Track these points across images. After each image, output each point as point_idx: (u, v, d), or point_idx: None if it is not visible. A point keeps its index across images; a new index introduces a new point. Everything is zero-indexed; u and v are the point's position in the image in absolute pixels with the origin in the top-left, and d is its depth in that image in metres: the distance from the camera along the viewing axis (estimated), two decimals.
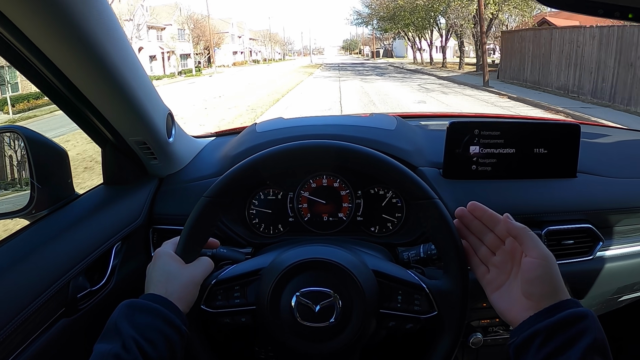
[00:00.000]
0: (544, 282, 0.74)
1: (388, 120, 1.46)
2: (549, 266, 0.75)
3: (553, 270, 0.75)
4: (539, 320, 0.70)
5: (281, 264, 0.86)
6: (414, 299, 0.87)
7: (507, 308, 0.78)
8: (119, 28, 0.93)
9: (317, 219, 1.28)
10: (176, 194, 1.29)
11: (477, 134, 1.21)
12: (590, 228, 1.23)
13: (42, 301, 0.89)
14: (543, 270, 0.75)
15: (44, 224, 1.05)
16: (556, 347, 0.67)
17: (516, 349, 0.71)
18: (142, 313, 0.74)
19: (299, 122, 1.51)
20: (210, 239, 0.93)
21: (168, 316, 0.75)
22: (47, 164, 1.10)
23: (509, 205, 1.21)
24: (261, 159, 0.88)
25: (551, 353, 0.67)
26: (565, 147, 1.25)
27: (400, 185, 0.87)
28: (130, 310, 0.74)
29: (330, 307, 0.83)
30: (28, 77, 0.93)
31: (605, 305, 1.45)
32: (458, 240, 0.83)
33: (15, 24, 0.77)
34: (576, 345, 0.66)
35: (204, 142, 1.53)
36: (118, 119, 1.09)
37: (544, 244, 1.16)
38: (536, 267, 0.75)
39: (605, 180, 1.31)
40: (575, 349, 0.65)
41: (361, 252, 0.97)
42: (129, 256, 1.18)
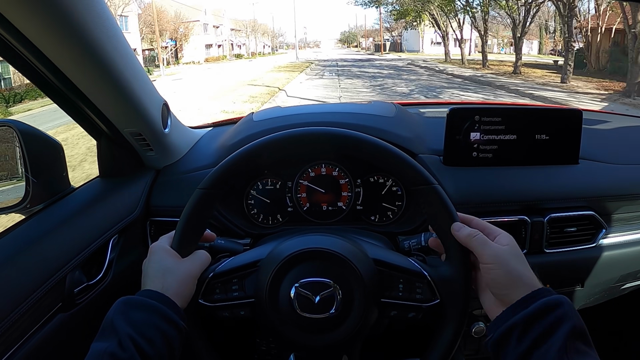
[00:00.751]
0: (503, 281, 0.75)
1: (387, 108, 1.44)
2: (503, 264, 0.75)
3: (510, 266, 0.75)
4: (515, 313, 0.70)
5: (279, 255, 0.85)
6: (416, 287, 0.85)
7: (489, 308, 0.79)
8: (111, 17, 0.91)
9: (316, 209, 1.27)
10: (173, 186, 1.27)
11: (478, 120, 1.20)
12: (592, 215, 1.22)
13: (38, 296, 0.89)
14: (497, 271, 0.75)
15: (39, 218, 1.04)
16: (536, 336, 0.66)
17: (494, 345, 0.71)
18: (138, 310, 0.73)
19: (297, 110, 1.50)
20: (206, 232, 0.91)
21: (165, 312, 0.73)
22: (42, 157, 1.08)
23: (510, 193, 1.20)
24: (255, 148, 0.86)
25: (532, 343, 0.66)
26: (567, 133, 1.24)
27: (399, 171, 0.85)
28: (126, 307, 0.73)
29: (330, 298, 0.81)
30: (20, 70, 0.92)
31: (608, 293, 1.44)
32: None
33: (5, 15, 0.75)
34: (556, 333, 0.65)
35: (201, 133, 1.52)
36: (112, 110, 1.07)
37: (546, 231, 1.17)
38: (488, 271, 0.76)
39: (608, 166, 1.30)
40: (556, 336, 0.65)
41: (361, 241, 0.95)
42: (127, 249, 1.17)
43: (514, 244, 0.78)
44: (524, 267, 0.75)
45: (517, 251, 0.77)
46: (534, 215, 1.19)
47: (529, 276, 0.74)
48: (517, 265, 0.75)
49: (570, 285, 1.32)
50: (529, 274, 0.75)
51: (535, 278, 0.74)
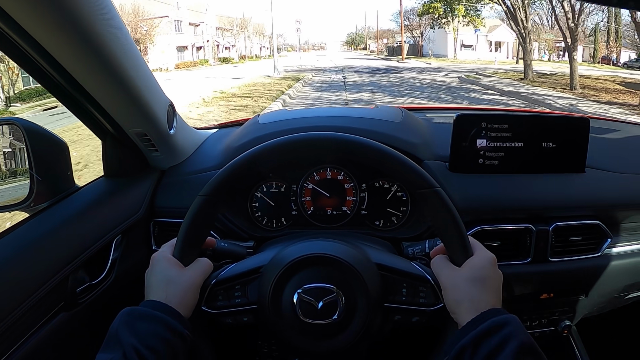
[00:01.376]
0: (451, 304, 0.78)
1: (394, 113, 1.43)
2: (451, 288, 0.79)
3: (459, 289, 0.78)
4: (463, 335, 0.71)
5: (282, 261, 0.85)
6: (419, 291, 0.85)
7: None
8: (118, 17, 0.91)
9: (320, 212, 1.26)
10: (178, 187, 1.27)
11: (485, 127, 1.19)
12: (598, 224, 1.21)
13: (41, 294, 0.89)
14: (447, 294, 0.79)
15: (43, 217, 1.04)
16: (485, 355, 0.67)
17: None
18: (142, 320, 0.73)
19: (303, 113, 1.50)
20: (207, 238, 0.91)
21: (169, 322, 0.74)
22: (47, 156, 1.09)
23: (516, 200, 1.20)
24: (257, 153, 0.86)
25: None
26: (574, 141, 1.23)
27: (401, 175, 0.85)
28: (130, 318, 0.73)
29: (333, 304, 0.81)
30: (26, 69, 0.92)
31: (612, 302, 1.44)
32: (462, 229, 0.81)
33: (12, 16, 0.75)
34: (504, 351, 0.67)
35: (206, 134, 1.51)
36: (118, 110, 1.07)
37: (551, 240, 1.16)
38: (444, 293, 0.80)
39: (615, 175, 1.29)
40: (504, 354, 0.66)
41: (364, 246, 0.95)
42: (130, 249, 1.17)
43: (479, 266, 0.79)
44: (481, 289, 0.77)
45: (477, 274, 0.78)
46: (539, 224, 1.18)
47: (481, 299, 0.75)
48: (469, 289, 0.77)
49: (574, 294, 1.31)
50: (484, 296, 0.76)
51: (492, 300, 0.76)
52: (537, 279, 1.22)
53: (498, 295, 0.78)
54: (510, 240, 1.20)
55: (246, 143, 1.27)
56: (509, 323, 0.70)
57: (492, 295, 0.76)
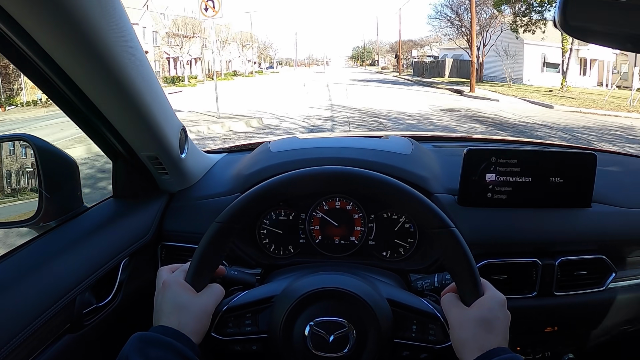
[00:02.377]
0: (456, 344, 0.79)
1: (403, 144, 1.44)
2: (457, 328, 0.79)
3: (464, 329, 0.78)
4: None
5: (295, 292, 0.85)
6: (429, 328, 0.85)
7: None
8: (135, 40, 0.91)
9: (328, 242, 1.26)
10: (186, 211, 1.27)
11: (494, 162, 1.20)
12: (602, 259, 1.22)
13: (47, 317, 0.88)
14: (453, 333, 0.80)
15: (51, 237, 1.04)
16: None
17: None
18: (154, 347, 0.72)
19: (314, 143, 1.50)
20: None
21: (181, 350, 0.73)
22: (57, 174, 1.09)
23: (523, 234, 1.20)
24: (275, 185, 0.86)
25: None
26: (581, 176, 1.24)
27: (416, 214, 0.85)
28: (142, 344, 0.72)
29: (344, 338, 0.82)
30: (42, 89, 0.92)
31: (616, 335, 1.43)
32: (475, 269, 0.81)
33: (31, 34, 0.76)
34: None
35: (215, 158, 1.52)
36: (131, 133, 1.08)
37: (557, 274, 1.16)
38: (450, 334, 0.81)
39: (620, 210, 1.29)
40: None
41: (375, 280, 0.95)
42: (137, 272, 1.16)
43: (488, 307, 0.79)
44: (487, 331, 0.76)
45: (486, 315, 0.78)
46: (545, 258, 1.18)
47: (487, 340, 0.75)
48: (475, 329, 0.77)
49: (579, 328, 1.31)
50: (490, 337, 0.76)
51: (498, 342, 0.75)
52: (542, 313, 1.22)
53: (505, 337, 0.78)
54: (517, 274, 1.20)
55: (258, 171, 1.28)
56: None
57: (498, 337, 0.76)
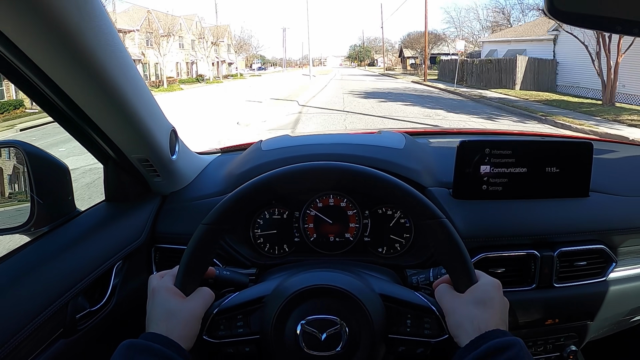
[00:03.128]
0: (452, 327, 0.79)
1: (397, 139, 1.43)
2: (452, 311, 0.79)
3: (460, 311, 0.78)
4: (464, 355, 0.71)
5: (285, 291, 0.84)
6: (424, 322, 0.84)
7: None
8: (120, 43, 0.91)
9: (323, 239, 1.25)
10: (179, 213, 1.26)
11: (488, 153, 1.19)
12: (602, 249, 1.21)
13: (40, 321, 0.87)
14: (449, 319, 0.80)
15: (44, 242, 1.04)
16: None
17: None
18: (142, 354, 0.71)
19: (306, 140, 1.49)
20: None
21: (171, 357, 0.72)
22: (48, 179, 1.08)
23: (520, 226, 1.19)
24: (262, 182, 0.85)
25: None
26: (577, 166, 1.22)
27: (406, 206, 0.84)
28: (130, 351, 0.72)
29: (336, 335, 0.80)
30: (27, 94, 0.92)
31: (617, 326, 1.42)
32: (467, 259, 0.81)
33: (12, 40, 0.75)
34: None
35: (208, 159, 1.51)
36: (120, 136, 1.07)
37: (556, 265, 1.15)
38: (447, 322, 0.81)
39: (619, 199, 1.28)
40: None
41: (367, 276, 0.94)
42: (130, 275, 1.16)
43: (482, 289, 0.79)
44: (483, 310, 0.76)
45: (480, 296, 0.78)
46: (543, 249, 1.17)
47: (483, 319, 0.75)
48: (470, 310, 0.76)
49: (580, 319, 1.30)
50: (486, 317, 0.75)
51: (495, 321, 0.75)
52: (542, 305, 1.21)
53: (502, 318, 0.77)
54: (515, 266, 1.19)
55: (249, 170, 1.27)
56: (513, 345, 0.68)
57: (495, 317, 0.76)
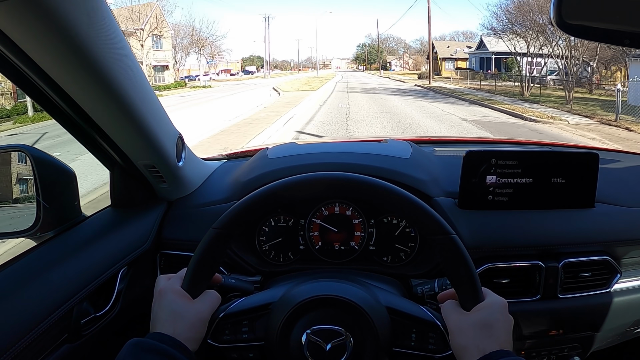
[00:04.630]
0: (456, 349, 0.78)
1: (403, 148, 1.43)
2: (457, 333, 0.78)
3: (464, 334, 0.77)
4: None
5: (292, 300, 0.84)
6: (429, 337, 0.84)
7: None
8: (128, 49, 0.91)
9: (328, 248, 1.25)
10: (185, 219, 1.27)
11: (494, 164, 1.18)
12: (607, 260, 1.20)
13: (45, 327, 0.87)
14: (453, 339, 0.79)
15: (49, 247, 1.04)
16: None
17: None
18: (149, 353, 0.72)
19: (312, 148, 1.49)
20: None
21: (177, 357, 0.73)
22: (55, 184, 1.09)
23: (525, 237, 1.19)
24: (272, 191, 0.85)
25: None
26: (583, 176, 1.22)
27: (415, 219, 0.84)
28: (137, 349, 0.72)
29: (341, 346, 0.81)
30: (36, 100, 0.93)
31: (621, 337, 1.42)
32: (475, 276, 0.80)
33: (21, 47, 0.76)
34: None
35: (214, 165, 1.51)
36: (127, 142, 1.08)
37: (561, 277, 1.15)
38: (450, 340, 0.80)
39: (624, 210, 1.28)
40: None
41: (374, 287, 0.94)
42: (135, 281, 1.16)
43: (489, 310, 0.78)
44: (488, 335, 0.75)
45: (486, 318, 0.77)
46: (548, 260, 1.17)
47: (489, 345, 0.74)
48: (476, 334, 0.76)
49: (584, 330, 1.29)
50: (491, 342, 0.74)
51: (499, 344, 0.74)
52: (547, 316, 1.21)
53: (507, 340, 0.77)
54: (519, 277, 1.18)
55: (255, 178, 1.28)
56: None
57: (500, 340, 0.75)
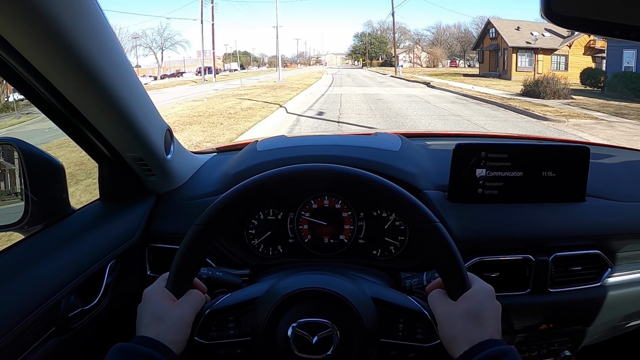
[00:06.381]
0: (445, 338, 0.78)
1: (392, 140, 1.43)
2: (445, 323, 0.78)
3: (453, 324, 0.77)
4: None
5: (277, 294, 0.84)
6: (416, 327, 0.84)
7: None
8: (115, 42, 0.91)
9: (317, 241, 1.25)
10: (174, 212, 1.26)
11: (484, 157, 1.18)
12: (598, 254, 1.20)
13: (32, 319, 0.87)
14: (442, 329, 0.78)
15: (37, 239, 1.04)
16: None
17: None
18: (134, 358, 0.72)
19: (301, 141, 1.49)
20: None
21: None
22: (43, 177, 1.09)
23: (515, 231, 1.19)
24: (255, 183, 0.85)
25: None
26: (574, 170, 1.22)
27: (400, 209, 0.84)
28: (121, 355, 0.72)
29: (328, 339, 0.80)
30: (22, 92, 0.92)
31: (612, 331, 1.42)
32: (460, 263, 0.80)
33: (6, 38, 0.75)
34: None
35: (204, 158, 1.51)
36: (114, 135, 1.07)
37: (551, 270, 1.15)
38: (439, 331, 0.80)
39: (614, 204, 1.28)
40: None
41: (360, 279, 0.94)
42: (124, 274, 1.15)
43: (476, 299, 0.78)
44: (477, 324, 0.75)
45: (474, 307, 0.77)
46: (538, 254, 1.17)
47: (477, 334, 0.74)
48: (464, 324, 0.75)
49: (574, 324, 1.29)
50: (480, 331, 0.74)
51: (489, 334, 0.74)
52: (537, 310, 1.21)
53: (496, 327, 0.76)
54: (509, 271, 1.18)
55: (244, 170, 1.27)
56: (506, 354, 0.68)
57: (489, 329, 0.75)
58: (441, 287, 0.83)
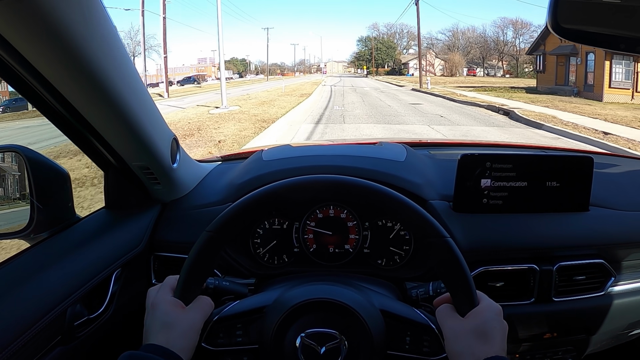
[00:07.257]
0: (451, 355, 0.78)
1: (398, 151, 1.43)
2: (452, 340, 0.78)
3: (459, 341, 0.77)
4: None
5: (286, 303, 0.84)
6: (423, 340, 0.84)
7: None
8: (124, 51, 0.91)
9: (322, 250, 1.25)
10: (179, 221, 1.26)
11: (489, 167, 1.19)
12: (602, 263, 1.20)
13: (38, 329, 0.87)
14: (448, 345, 0.79)
15: (43, 248, 1.04)
16: None
17: None
18: None
19: (307, 151, 1.49)
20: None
21: None
22: (49, 185, 1.09)
23: (520, 240, 1.19)
24: (266, 194, 0.85)
25: None
26: (577, 180, 1.23)
27: (410, 223, 0.84)
28: None
29: (336, 350, 0.81)
30: (30, 100, 0.92)
31: (615, 340, 1.42)
32: (470, 279, 0.80)
33: (16, 47, 0.75)
34: None
35: (209, 167, 1.51)
36: (121, 144, 1.07)
37: (555, 280, 1.15)
38: (446, 346, 0.80)
39: (618, 213, 1.28)
40: None
41: (368, 290, 0.94)
42: (129, 283, 1.15)
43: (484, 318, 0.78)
44: (484, 342, 0.76)
45: (481, 326, 0.77)
46: (543, 264, 1.17)
47: (484, 353, 0.74)
48: (471, 341, 0.76)
49: (578, 333, 1.29)
50: (486, 349, 0.75)
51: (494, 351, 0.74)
52: (541, 319, 1.21)
53: (502, 346, 0.77)
54: (514, 280, 1.19)
55: (249, 180, 1.28)
56: None
57: (495, 347, 0.75)
58: (449, 301, 0.84)
